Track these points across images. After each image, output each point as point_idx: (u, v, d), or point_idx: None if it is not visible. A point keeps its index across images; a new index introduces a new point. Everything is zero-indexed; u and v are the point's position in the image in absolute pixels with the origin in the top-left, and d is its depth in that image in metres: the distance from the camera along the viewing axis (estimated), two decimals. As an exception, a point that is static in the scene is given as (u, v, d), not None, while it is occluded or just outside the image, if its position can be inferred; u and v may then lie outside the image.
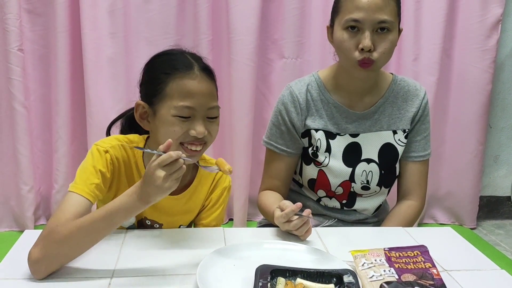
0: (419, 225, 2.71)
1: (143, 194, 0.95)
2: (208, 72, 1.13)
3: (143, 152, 1.19)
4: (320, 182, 1.41)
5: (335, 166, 1.39)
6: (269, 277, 0.94)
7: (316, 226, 1.16)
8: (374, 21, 1.24)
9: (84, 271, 1.00)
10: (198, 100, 1.08)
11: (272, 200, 1.38)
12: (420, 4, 2.44)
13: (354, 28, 1.26)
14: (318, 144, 1.39)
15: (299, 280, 0.95)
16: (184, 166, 0.96)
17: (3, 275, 0.98)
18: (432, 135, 2.60)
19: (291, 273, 0.97)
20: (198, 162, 1.16)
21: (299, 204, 1.15)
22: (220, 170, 1.04)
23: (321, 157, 1.39)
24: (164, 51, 1.18)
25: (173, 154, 0.93)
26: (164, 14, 2.31)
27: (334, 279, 0.96)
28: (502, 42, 2.63)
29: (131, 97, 2.35)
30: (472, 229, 2.77)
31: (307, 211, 1.15)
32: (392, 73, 1.46)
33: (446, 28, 2.47)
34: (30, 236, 1.01)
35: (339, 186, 1.41)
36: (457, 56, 2.57)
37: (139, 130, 1.25)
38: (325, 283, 0.96)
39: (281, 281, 0.94)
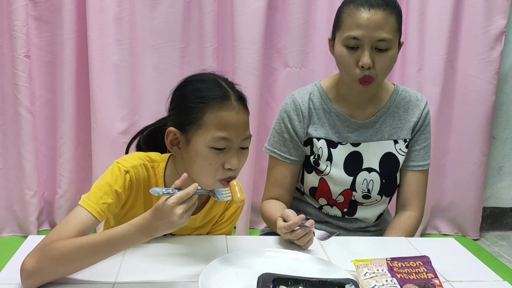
0: (422, 235, 2.71)
1: (151, 228, 0.94)
2: (243, 101, 1.12)
3: (165, 172, 1.18)
4: (321, 190, 1.42)
5: (336, 175, 1.39)
6: (271, 286, 0.95)
7: (322, 239, 1.16)
8: (373, 39, 1.25)
9: (86, 277, 0.99)
10: (235, 131, 1.07)
11: (276, 208, 1.38)
12: (424, 15, 2.46)
13: (353, 44, 1.27)
14: (320, 153, 1.40)
15: None
16: (196, 201, 0.96)
17: (6, 280, 0.98)
18: (435, 146, 2.63)
19: (293, 281, 0.97)
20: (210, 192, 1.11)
21: (302, 216, 1.15)
22: (232, 199, 1.03)
23: (322, 166, 1.40)
24: (196, 77, 1.15)
25: (191, 191, 0.93)
26: (169, 22, 2.33)
27: None
28: (506, 53, 2.64)
29: (136, 103, 2.37)
30: (475, 240, 2.76)
31: (310, 222, 1.16)
32: (394, 84, 1.47)
33: (450, 39, 2.48)
34: (34, 242, 1.01)
35: (340, 194, 1.41)
36: (460, 67, 2.57)
37: (156, 147, 1.23)
38: None
39: None
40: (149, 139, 1.27)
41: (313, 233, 1.17)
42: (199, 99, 1.08)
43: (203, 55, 2.35)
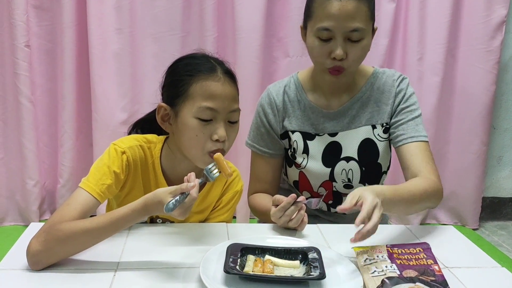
0: (422, 225, 2.72)
1: (151, 213, 0.98)
2: (230, 76, 1.14)
3: (161, 152, 1.20)
4: (302, 183, 1.41)
5: (313, 167, 1.37)
6: (239, 254, 1.00)
7: (315, 206, 1.16)
8: (345, 29, 1.22)
9: (89, 263, 1.01)
10: (220, 102, 1.09)
11: (267, 199, 1.35)
12: (424, 4, 2.45)
13: (325, 36, 1.24)
14: (295, 146, 1.39)
15: (267, 257, 1.02)
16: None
17: (10, 265, 1.00)
18: (435, 136, 2.63)
19: (260, 251, 1.03)
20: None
21: (293, 195, 1.15)
22: (220, 173, 1.05)
23: (299, 159, 1.39)
24: (187, 55, 1.19)
25: (195, 195, 0.95)
26: (170, 10, 2.33)
27: (300, 256, 1.02)
28: (506, 43, 2.64)
29: (137, 93, 2.37)
30: (474, 229, 2.77)
31: (302, 198, 1.16)
32: (374, 67, 1.42)
33: (450, 29, 2.48)
34: (36, 229, 1.02)
35: (320, 186, 1.40)
36: (461, 57, 2.57)
37: (158, 133, 1.25)
38: (292, 259, 1.02)
39: (250, 258, 1.00)
40: (150, 124, 1.28)
41: (306, 206, 1.18)
42: (187, 72, 1.12)
43: (203, 44, 2.35)
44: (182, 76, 1.12)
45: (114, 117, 2.34)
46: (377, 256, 1.02)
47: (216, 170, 1.05)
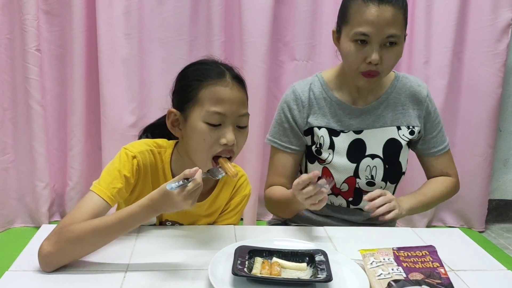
0: (428, 227, 2.72)
1: (158, 208, 0.99)
2: (239, 81, 1.15)
3: (171, 157, 1.22)
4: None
5: (339, 162, 1.40)
6: (247, 256, 1.01)
7: (329, 186, 1.18)
8: (382, 35, 1.26)
9: (99, 265, 1.03)
10: (229, 106, 1.10)
11: (283, 190, 1.40)
12: (431, 7, 2.46)
13: (363, 41, 1.28)
14: (322, 141, 1.41)
15: (274, 259, 1.03)
16: (202, 183, 0.98)
17: (22, 267, 1.02)
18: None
19: (268, 253, 1.05)
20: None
21: (316, 172, 1.17)
22: (226, 174, 1.06)
23: (324, 154, 1.41)
24: (197, 61, 1.21)
25: (199, 180, 0.96)
26: (177, 16, 2.35)
27: (307, 258, 1.04)
28: (513, 46, 2.64)
29: (145, 96, 2.40)
30: (480, 232, 2.77)
31: (322, 180, 1.18)
32: (394, 71, 1.47)
33: (456, 32, 2.49)
34: (47, 231, 1.04)
35: (344, 182, 1.42)
36: (467, 60, 2.58)
37: (168, 138, 1.26)
38: (299, 262, 1.03)
39: (258, 260, 1.02)
40: (161, 130, 1.29)
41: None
42: (196, 77, 1.13)
43: (211, 48, 2.37)
44: (191, 81, 1.14)
45: (123, 120, 2.36)
46: (384, 259, 1.03)
47: (222, 171, 1.08)
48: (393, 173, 1.45)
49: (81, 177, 2.46)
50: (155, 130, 1.32)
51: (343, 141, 1.41)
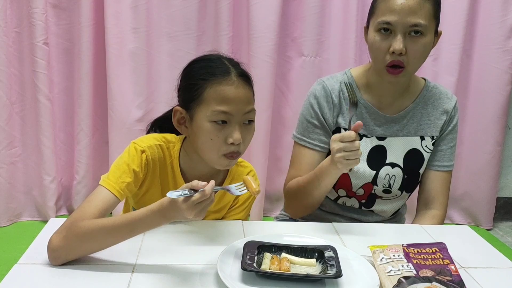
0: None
1: (168, 215, 0.96)
2: (245, 78, 1.13)
3: (179, 153, 1.21)
4: (342, 182, 1.38)
5: (359, 168, 1.36)
6: (256, 252, 1.01)
7: None
8: (406, 24, 1.23)
9: (107, 260, 1.02)
10: (234, 105, 1.09)
11: (308, 173, 1.34)
12: (441, 4, 2.43)
13: (386, 30, 1.24)
14: None
15: (284, 255, 1.02)
16: (214, 197, 0.96)
17: (31, 260, 1.02)
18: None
19: (277, 248, 1.04)
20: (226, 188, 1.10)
21: (359, 122, 1.16)
22: (248, 191, 1.03)
23: None
24: (202, 57, 1.19)
25: (207, 192, 0.93)
26: (185, 10, 2.34)
27: (316, 254, 1.04)
28: (523, 43, 2.61)
29: (152, 91, 2.39)
30: (488, 230, 2.76)
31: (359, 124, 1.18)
32: (425, 79, 1.44)
33: (466, 29, 2.47)
34: (56, 225, 1.04)
35: (360, 187, 1.40)
36: (476, 57, 2.56)
37: (176, 132, 1.25)
38: (308, 257, 1.03)
39: (267, 256, 1.01)
40: (167, 125, 1.29)
41: None
42: (201, 76, 1.12)
43: (218, 43, 2.36)
44: (196, 80, 1.12)
45: (130, 115, 2.36)
46: (393, 256, 1.02)
47: (244, 188, 1.03)
48: (411, 184, 1.42)
49: (88, 171, 2.47)
50: (163, 124, 1.32)
51: (364, 146, 1.37)
